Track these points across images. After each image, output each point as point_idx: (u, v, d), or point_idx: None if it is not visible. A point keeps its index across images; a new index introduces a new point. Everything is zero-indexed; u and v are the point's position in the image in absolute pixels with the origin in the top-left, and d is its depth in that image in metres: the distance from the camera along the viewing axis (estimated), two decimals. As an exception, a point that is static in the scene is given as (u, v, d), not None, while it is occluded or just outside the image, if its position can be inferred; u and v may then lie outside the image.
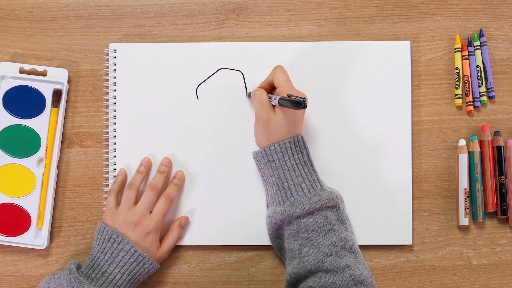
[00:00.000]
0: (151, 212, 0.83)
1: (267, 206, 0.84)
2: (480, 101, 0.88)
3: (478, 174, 0.86)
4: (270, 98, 0.80)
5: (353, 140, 0.86)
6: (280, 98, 0.77)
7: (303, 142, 0.81)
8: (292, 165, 0.80)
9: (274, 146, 0.80)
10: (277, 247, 0.84)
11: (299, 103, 0.74)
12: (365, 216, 0.85)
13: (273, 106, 0.80)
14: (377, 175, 0.86)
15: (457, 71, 0.88)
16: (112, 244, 0.81)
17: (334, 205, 0.80)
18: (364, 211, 0.85)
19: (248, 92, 0.86)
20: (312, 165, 0.81)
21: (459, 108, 0.88)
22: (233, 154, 0.86)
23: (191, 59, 0.87)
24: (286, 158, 0.80)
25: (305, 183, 0.80)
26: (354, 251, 0.79)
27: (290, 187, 0.80)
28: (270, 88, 0.84)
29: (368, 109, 0.87)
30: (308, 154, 0.81)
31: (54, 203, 0.87)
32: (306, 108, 0.79)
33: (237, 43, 0.87)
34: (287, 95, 0.77)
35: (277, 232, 0.82)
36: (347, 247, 0.78)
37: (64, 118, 0.88)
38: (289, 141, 0.80)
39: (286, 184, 0.80)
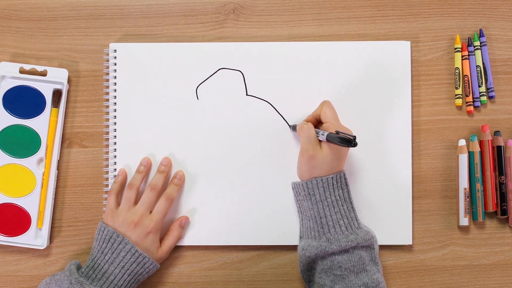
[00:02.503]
0: (151, 212, 0.83)
1: (300, 237, 0.84)
2: (480, 101, 0.88)
3: (478, 174, 0.86)
4: (317, 133, 0.79)
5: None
6: (328, 134, 0.76)
7: (345, 179, 0.81)
8: (332, 201, 0.80)
9: (316, 180, 0.80)
10: (306, 279, 0.84)
11: (349, 141, 0.74)
12: (365, 216, 0.85)
13: (320, 141, 0.80)
14: (377, 175, 0.86)
15: (457, 71, 0.88)
16: (113, 244, 0.81)
17: (369, 245, 0.80)
18: (364, 211, 0.85)
19: (293, 125, 0.86)
20: (351, 203, 0.81)
21: (459, 108, 0.88)
22: (233, 154, 0.86)
23: (191, 59, 0.87)
24: (327, 194, 0.80)
25: (343, 220, 0.80)
26: None
27: (328, 222, 0.79)
28: (316, 123, 0.83)
29: (368, 109, 0.86)
30: (348, 191, 0.81)
31: (54, 203, 0.87)
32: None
33: (237, 43, 0.87)
34: (335, 131, 0.77)
35: (309, 265, 0.82)
36: None
37: (64, 118, 0.88)
38: (332, 177, 0.80)
39: (324, 220, 0.80)
